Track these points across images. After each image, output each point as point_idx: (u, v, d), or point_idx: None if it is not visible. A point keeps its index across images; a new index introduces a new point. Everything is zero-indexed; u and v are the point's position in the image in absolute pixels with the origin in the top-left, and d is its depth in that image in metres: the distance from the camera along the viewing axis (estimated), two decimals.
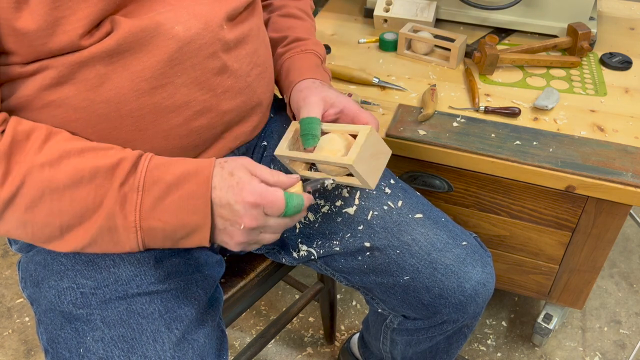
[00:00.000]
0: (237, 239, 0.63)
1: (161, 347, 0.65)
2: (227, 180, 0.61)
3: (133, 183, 0.61)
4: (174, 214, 0.61)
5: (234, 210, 0.61)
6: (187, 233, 0.62)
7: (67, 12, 0.59)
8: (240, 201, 0.60)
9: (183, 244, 0.64)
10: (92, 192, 0.60)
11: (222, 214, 0.61)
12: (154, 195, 0.61)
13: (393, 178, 0.86)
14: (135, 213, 0.60)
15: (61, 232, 0.61)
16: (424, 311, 0.82)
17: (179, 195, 0.61)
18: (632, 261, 1.56)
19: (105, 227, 0.61)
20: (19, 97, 0.63)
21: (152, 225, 0.61)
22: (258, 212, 0.61)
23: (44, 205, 0.59)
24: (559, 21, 1.20)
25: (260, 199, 0.61)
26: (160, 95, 0.66)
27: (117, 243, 0.62)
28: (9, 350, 1.40)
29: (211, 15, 0.68)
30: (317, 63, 0.85)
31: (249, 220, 0.61)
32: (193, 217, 0.61)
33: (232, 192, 0.61)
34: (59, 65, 0.61)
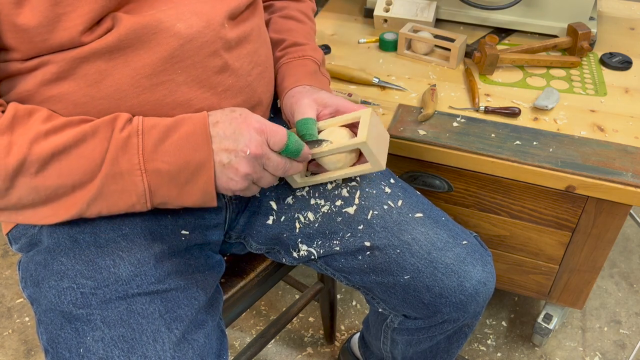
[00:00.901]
0: (243, 170, 0.63)
1: (161, 347, 0.65)
2: (229, 114, 0.64)
3: (132, 128, 0.61)
4: (175, 154, 0.61)
5: (238, 137, 0.62)
6: (192, 173, 0.62)
7: (68, 8, 0.59)
8: (245, 128, 0.62)
9: (189, 193, 0.64)
10: (97, 145, 0.60)
11: (226, 146, 0.62)
12: (154, 137, 0.61)
13: (393, 177, 0.86)
14: (139, 155, 0.61)
15: (73, 190, 0.62)
16: (424, 310, 0.82)
17: (178, 135, 0.62)
18: (632, 261, 1.56)
19: (111, 174, 0.61)
20: (19, 92, 0.63)
21: (156, 167, 0.61)
22: (262, 140, 0.64)
23: (53, 168, 0.59)
24: (559, 21, 1.20)
25: (264, 127, 0.64)
26: (161, 93, 0.66)
27: (122, 192, 0.62)
28: (9, 350, 1.40)
29: (213, 13, 0.68)
30: (314, 69, 0.85)
31: (255, 146, 0.62)
32: (195, 154, 0.62)
33: (236, 122, 0.63)
34: (59, 61, 0.61)
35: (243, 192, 0.67)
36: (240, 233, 0.87)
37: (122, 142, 0.61)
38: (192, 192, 0.64)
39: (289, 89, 0.81)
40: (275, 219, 0.84)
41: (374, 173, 0.85)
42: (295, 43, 0.87)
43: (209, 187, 0.63)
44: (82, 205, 0.63)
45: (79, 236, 0.70)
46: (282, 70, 0.85)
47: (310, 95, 0.78)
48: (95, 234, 0.70)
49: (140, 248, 0.71)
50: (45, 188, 0.60)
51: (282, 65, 0.85)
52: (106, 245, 0.70)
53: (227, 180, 0.64)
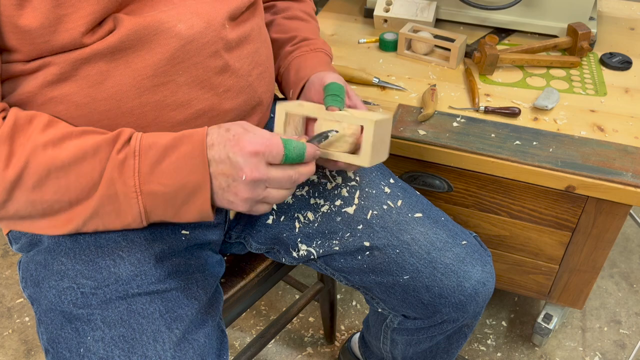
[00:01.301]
0: (242, 195, 0.61)
1: (161, 347, 0.65)
2: (224, 135, 0.61)
3: (129, 150, 0.61)
4: (172, 176, 0.60)
5: (233, 162, 0.60)
6: (188, 195, 0.61)
7: (70, 9, 0.59)
8: (238, 152, 0.59)
9: (186, 213, 0.63)
10: (96, 165, 0.60)
11: (222, 170, 0.60)
12: (151, 158, 0.61)
13: (393, 177, 0.86)
14: (134, 178, 0.60)
15: (70, 206, 0.61)
16: (423, 310, 0.82)
17: (175, 157, 0.61)
18: (632, 261, 1.56)
19: (106, 196, 0.60)
20: (21, 93, 0.63)
21: (152, 189, 0.61)
22: (258, 161, 0.60)
23: (50, 184, 0.59)
24: (559, 21, 1.20)
25: (258, 147, 0.60)
26: (162, 93, 0.66)
27: (119, 213, 0.62)
28: (9, 350, 1.40)
29: (213, 14, 0.68)
30: (328, 61, 0.85)
31: (250, 170, 0.60)
32: (191, 177, 0.60)
33: (230, 144, 0.60)
34: (61, 62, 0.61)
35: (252, 212, 0.64)
36: (240, 233, 0.88)
37: (119, 163, 0.60)
38: (189, 212, 0.63)
39: (309, 76, 0.80)
40: (275, 219, 0.84)
41: (374, 173, 0.85)
42: (305, 38, 0.87)
43: (206, 208, 0.62)
44: (78, 223, 0.63)
45: (79, 236, 0.70)
46: (297, 62, 0.84)
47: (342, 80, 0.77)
48: (95, 234, 0.70)
49: (141, 248, 0.71)
50: (42, 202, 0.60)
51: (294, 58, 0.85)
52: (106, 245, 0.70)
53: (228, 203, 0.62)
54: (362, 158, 0.68)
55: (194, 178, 0.60)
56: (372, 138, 0.67)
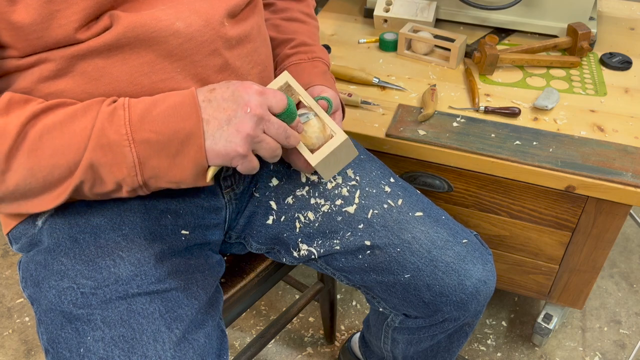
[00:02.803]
0: (245, 129, 0.61)
1: (161, 347, 0.65)
2: (225, 84, 0.63)
3: (117, 103, 0.61)
4: (163, 123, 0.60)
5: (238, 98, 0.61)
6: (181, 142, 0.61)
7: (62, 5, 0.59)
8: (244, 89, 0.62)
9: (181, 164, 0.62)
10: (87, 122, 0.60)
11: (225, 107, 0.61)
12: (141, 109, 0.61)
13: (393, 177, 0.86)
14: (126, 126, 0.60)
15: (70, 171, 0.61)
16: (425, 309, 0.82)
17: (165, 105, 0.61)
18: (632, 261, 1.56)
19: (99, 146, 0.60)
20: (17, 89, 0.63)
21: (145, 137, 0.60)
22: (262, 100, 0.62)
23: (45, 146, 0.59)
24: (559, 21, 1.20)
25: (264, 89, 0.63)
26: (161, 91, 0.66)
27: (112, 165, 0.61)
28: (9, 350, 1.40)
29: (212, 11, 0.68)
30: (324, 70, 0.85)
31: (255, 105, 0.61)
32: (184, 123, 0.60)
33: (234, 86, 0.62)
34: (57, 58, 0.61)
35: (245, 164, 0.63)
36: (240, 233, 0.88)
37: (109, 114, 0.60)
38: (184, 163, 0.62)
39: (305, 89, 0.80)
40: (275, 219, 0.84)
41: (374, 172, 0.85)
42: (304, 43, 0.87)
43: (200, 157, 0.61)
44: (75, 182, 0.61)
45: (79, 236, 0.70)
46: (293, 70, 0.84)
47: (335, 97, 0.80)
48: (95, 234, 0.70)
49: (140, 248, 0.71)
50: (41, 169, 0.60)
51: (291, 64, 0.85)
52: (106, 245, 0.70)
53: (226, 144, 0.61)
54: (315, 157, 0.71)
55: (186, 124, 0.60)
56: (334, 148, 0.71)
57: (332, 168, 0.75)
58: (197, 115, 0.60)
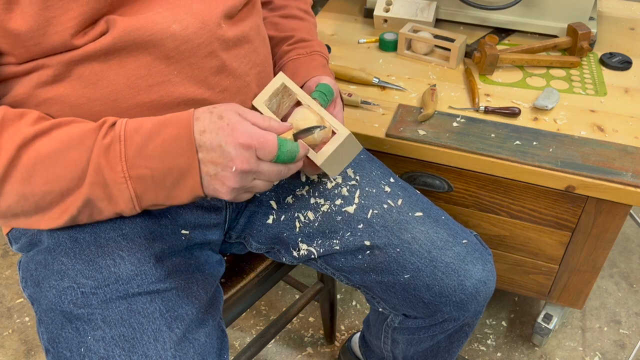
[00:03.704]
0: (229, 184, 0.61)
1: (162, 347, 0.65)
2: (217, 123, 0.60)
3: (114, 135, 0.60)
4: (159, 159, 0.60)
5: (225, 152, 0.59)
6: (177, 178, 0.61)
7: (58, 12, 0.59)
8: (231, 142, 0.59)
9: (178, 195, 0.62)
10: (83, 153, 0.59)
11: (212, 158, 0.60)
12: (137, 142, 0.60)
13: (393, 177, 0.86)
14: (122, 163, 0.60)
15: (62, 197, 0.61)
16: (424, 310, 0.82)
17: (161, 139, 0.60)
18: (632, 261, 1.56)
19: (96, 183, 0.60)
20: (15, 95, 0.63)
21: (141, 173, 0.60)
22: (250, 154, 0.60)
23: (39, 175, 0.59)
24: (558, 21, 1.20)
25: (252, 140, 0.60)
26: (158, 94, 0.66)
27: (110, 199, 0.61)
28: (9, 350, 1.40)
29: (209, 13, 0.68)
30: (324, 64, 0.86)
31: (241, 162, 0.60)
32: (179, 159, 0.60)
33: (223, 133, 0.60)
34: (54, 64, 0.61)
35: (234, 200, 0.65)
36: (240, 233, 0.88)
37: (104, 149, 0.60)
38: (180, 194, 0.63)
39: (306, 80, 0.81)
40: (275, 219, 0.84)
41: (374, 172, 0.85)
42: (302, 39, 0.87)
43: (197, 191, 0.62)
44: (72, 212, 0.62)
45: (79, 236, 0.70)
46: (292, 65, 0.84)
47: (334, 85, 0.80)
48: (95, 234, 0.70)
49: (141, 247, 0.71)
50: (33, 195, 0.60)
51: (290, 60, 0.85)
52: (106, 245, 0.70)
53: (213, 190, 0.62)
54: (319, 156, 0.71)
55: (181, 161, 0.60)
56: (337, 146, 0.70)
57: (338, 165, 0.74)
58: (192, 152, 0.60)
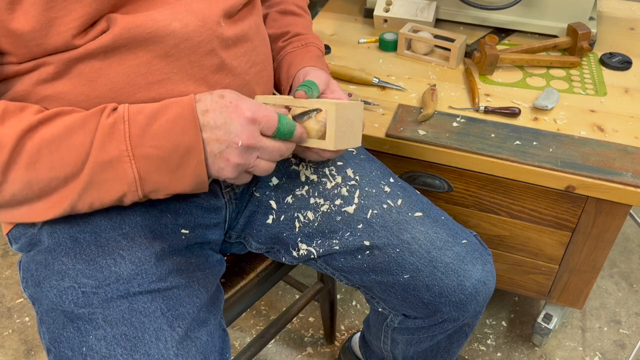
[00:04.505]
0: (234, 160, 0.62)
1: (164, 345, 0.65)
2: (219, 102, 0.62)
3: (117, 115, 0.60)
4: (163, 138, 0.60)
5: (230, 128, 0.61)
6: (181, 157, 0.61)
7: (61, 12, 0.59)
8: (236, 118, 0.61)
9: (182, 178, 0.62)
10: (87, 135, 0.59)
11: (217, 135, 0.61)
12: (140, 122, 0.60)
13: (392, 177, 0.86)
14: (126, 141, 0.60)
15: (66, 182, 0.61)
16: (424, 310, 0.82)
17: (165, 119, 0.60)
18: (632, 261, 1.56)
19: (99, 163, 0.60)
20: (15, 92, 0.63)
21: (145, 152, 0.60)
22: (254, 129, 0.62)
23: (44, 160, 0.59)
24: (558, 21, 1.20)
25: (256, 115, 0.62)
26: (157, 92, 0.66)
27: (113, 181, 0.61)
28: (9, 350, 1.40)
29: (208, 12, 0.68)
30: (319, 55, 0.86)
31: (247, 137, 0.61)
32: (183, 138, 0.60)
33: (227, 111, 0.61)
34: (55, 62, 0.61)
35: (236, 181, 0.66)
36: (240, 232, 0.88)
37: (108, 128, 0.60)
38: (184, 176, 0.63)
39: (298, 70, 0.82)
40: (275, 218, 0.84)
41: (374, 172, 0.85)
42: (298, 33, 0.88)
43: (201, 171, 0.62)
44: (73, 197, 0.61)
45: (79, 235, 0.70)
46: (288, 58, 0.85)
47: (325, 76, 0.79)
48: (95, 233, 0.70)
49: (141, 247, 0.71)
50: (38, 181, 0.60)
51: (286, 54, 0.86)
52: (107, 245, 0.70)
53: (218, 169, 0.63)
54: (327, 142, 0.71)
55: (186, 139, 0.60)
56: (335, 121, 0.69)
57: (351, 135, 0.73)
58: (196, 130, 0.61)
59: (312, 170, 0.84)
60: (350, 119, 0.72)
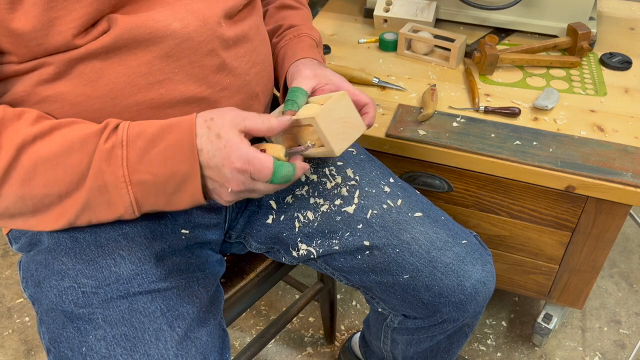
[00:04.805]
0: (226, 199, 0.64)
1: (164, 346, 0.65)
2: (215, 142, 0.61)
3: (116, 139, 0.60)
4: (161, 165, 0.60)
5: (221, 173, 0.61)
6: (178, 184, 0.61)
7: (62, 12, 0.59)
8: (227, 165, 0.60)
9: (178, 201, 0.63)
10: (84, 157, 0.60)
11: (210, 175, 0.62)
12: (139, 147, 0.60)
13: (392, 177, 0.86)
14: (123, 168, 0.60)
15: (60, 199, 0.61)
16: (424, 310, 0.82)
17: (164, 145, 0.60)
18: (632, 261, 1.56)
19: (96, 187, 0.60)
20: (15, 93, 0.63)
21: (142, 178, 0.60)
22: (245, 178, 0.62)
23: (39, 177, 0.59)
24: (558, 21, 1.20)
25: (248, 165, 0.60)
26: (158, 92, 0.66)
27: (109, 204, 0.62)
28: (9, 350, 1.40)
29: (209, 12, 0.68)
30: (311, 44, 0.85)
31: (236, 184, 0.62)
32: (181, 166, 0.60)
33: (220, 155, 0.60)
34: (55, 62, 0.62)
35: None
36: (240, 232, 0.88)
37: (106, 153, 0.60)
38: (181, 200, 0.63)
39: (290, 64, 0.81)
40: (275, 218, 0.84)
41: (374, 172, 0.85)
42: (290, 25, 0.88)
43: (197, 196, 0.63)
44: (70, 217, 0.63)
45: (79, 235, 0.70)
46: (282, 52, 0.85)
47: (313, 68, 0.78)
48: (95, 233, 0.70)
49: (141, 247, 0.71)
50: (32, 197, 0.60)
51: (280, 48, 0.86)
52: (107, 245, 0.70)
53: (215, 197, 0.65)
54: (327, 149, 0.70)
55: (183, 167, 0.61)
56: (323, 129, 0.68)
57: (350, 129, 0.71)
58: (194, 159, 0.60)
59: (312, 170, 0.84)
60: (339, 117, 0.70)
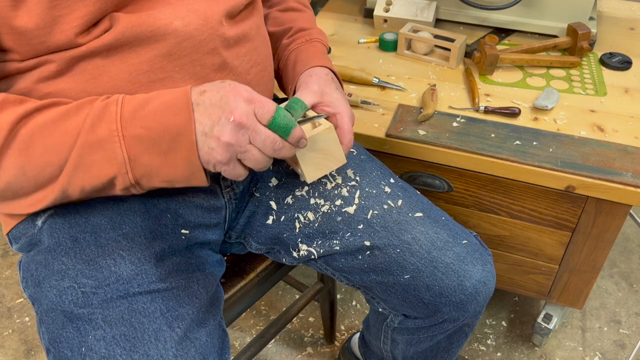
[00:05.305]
0: (225, 138, 0.59)
1: (163, 346, 0.65)
2: (218, 84, 0.61)
3: (111, 99, 0.60)
4: (154, 119, 0.59)
5: (224, 105, 0.59)
6: (173, 139, 0.59)
7: (65, 11, 0.59)
8: (232, 95, 0.59)
9: (173, 161, 0.61)
10: (80, 120, 0.59)
11: (210, 112, 0.59)
12: (133, 105, 0.60)
13: (393, 177, 0.86)
14: (117, 122, 0.59)
15: (61, 169, 0.60)
16: (424, 310, 0.82)
17: (158, 102, 0.60)
18: (632, 261, 1.56)
19: (88, 143, 0.59)
20: (16, 89, 0.63)
21: (135, 132, 0.59)
22: (249, 110, 0.59)
23: (37, 145, 0.58)
24: (558, 21, 1.20)
25: (254, 97, 0.60)
26: (159, 90, 0.66)
27: (102, 162, 0.60)
28: (9, 350, 1.40)
29: (210, 11, 0.68)
30: (323, 51, 0.86)
31: (239, 113, 0.58)
32: (175, 119, 0.59)
33: (224, 90, 0.60)
34: (57, 60, 0.62)
35: (228, 170, 0.62)
36: (240, 233, 0.88)
37: (100, 110, 0.59)
38: (176, 161, 0.61)
39: (304, 70, 0.81)
40: (275, 219, 0.84)
41: (374, 173, 0.85)
42: (301, 28, 0.88)
43: (192, 156, 0.60)
44: (63, 182, 0.61)
45: (79, 236, 0.70)
46: (294, 55, 0.85)
47: (322, 86, 0.77)
48: (95, 234, 0.70)
49: (141, 247, 0.71)
50: (32, 167, 0.59)
51: (292, 50, 0.85)
52: (107, 245, 0.70)
53: (208, 150, 0.60)
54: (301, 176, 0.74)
55: (177, 120, 0.59)
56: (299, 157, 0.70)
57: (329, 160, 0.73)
58: (189, 111, 0.59)
59: None
60: (321, 149, 0.71)
